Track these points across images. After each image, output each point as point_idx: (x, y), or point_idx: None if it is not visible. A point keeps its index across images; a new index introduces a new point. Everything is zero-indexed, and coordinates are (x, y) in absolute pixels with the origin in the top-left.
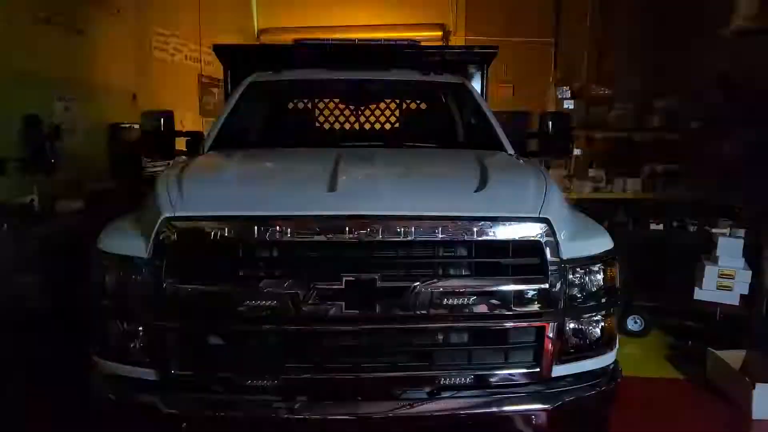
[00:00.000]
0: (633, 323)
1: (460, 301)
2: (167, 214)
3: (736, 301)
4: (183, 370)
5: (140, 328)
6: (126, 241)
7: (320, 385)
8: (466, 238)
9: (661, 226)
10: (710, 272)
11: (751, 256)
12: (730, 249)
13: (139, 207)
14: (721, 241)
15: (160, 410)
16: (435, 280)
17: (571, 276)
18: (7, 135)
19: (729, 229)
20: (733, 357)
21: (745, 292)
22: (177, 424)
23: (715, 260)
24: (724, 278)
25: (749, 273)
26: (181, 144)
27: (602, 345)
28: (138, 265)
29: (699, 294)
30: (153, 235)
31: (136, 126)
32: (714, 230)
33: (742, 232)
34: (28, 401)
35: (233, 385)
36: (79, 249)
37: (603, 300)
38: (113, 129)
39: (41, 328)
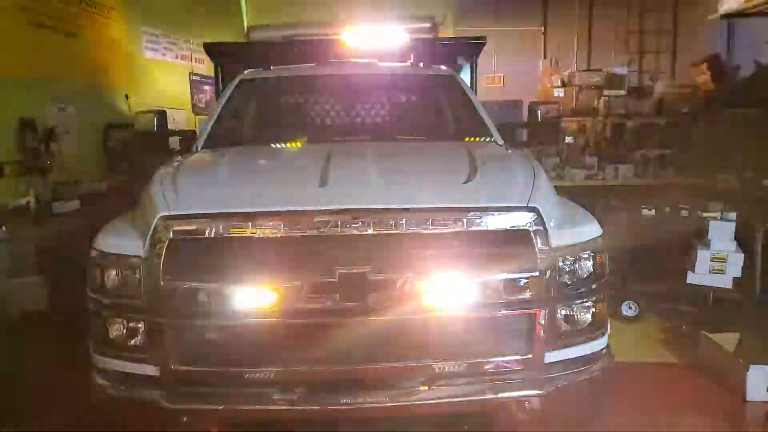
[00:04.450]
0: (628, 308)
1: (452, 292)
2: (163, 213)
3: (729, 284)
4: (182, 366)
5: (139, 325)
6: (123, 241)
7: (317, 377)
8: (456, 229)
9: (653, 212)
10: (703, 256)
11: (743, 239)
12: (721, 232)
13: (135, 206)
14: (712, 224)
15: (161, 405)
16: (426, 271)
17: (560, 263)
18: (2, 138)
19: (720, 212)
20: (727, 339)
21: (738, 274)
22: (177, 418)
23: (707, 244)
24: (716, 261)
25: (741, 255)
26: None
27: (594, 330)
28: (136, 263)
29: (692, 278)
30: (149, 234)
31: (130, 125)
32: (705, 214)
33: (733, 215)
34: (28, 400)
35: (232, 379)
36: (76, 250)
37: (593, 286)
38: (107, 129)
39: (39, 328)
